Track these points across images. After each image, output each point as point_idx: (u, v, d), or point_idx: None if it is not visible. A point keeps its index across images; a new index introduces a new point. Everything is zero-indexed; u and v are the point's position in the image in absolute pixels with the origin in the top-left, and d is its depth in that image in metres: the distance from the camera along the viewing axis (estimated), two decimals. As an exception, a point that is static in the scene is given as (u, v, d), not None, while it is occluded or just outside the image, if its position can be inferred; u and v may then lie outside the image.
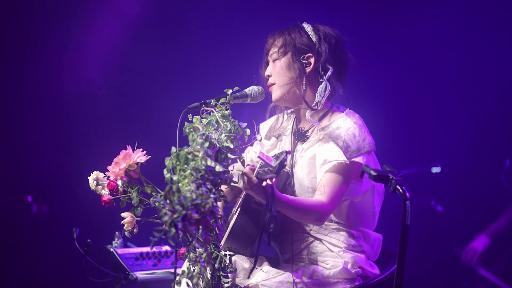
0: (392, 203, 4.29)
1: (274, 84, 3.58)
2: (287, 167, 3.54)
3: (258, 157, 3.10)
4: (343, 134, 3.42)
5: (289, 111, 3.77)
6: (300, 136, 3.61)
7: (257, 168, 3.16)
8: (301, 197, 3.45)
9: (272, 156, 3.10)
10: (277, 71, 3.57)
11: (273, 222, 3.08)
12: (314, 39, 3.55)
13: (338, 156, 3.39)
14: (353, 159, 3.38)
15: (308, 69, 3.55)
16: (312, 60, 3.54)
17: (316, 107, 3.54)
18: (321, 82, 3.53)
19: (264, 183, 3.10)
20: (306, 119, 3.57)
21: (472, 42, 6.22)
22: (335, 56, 3.56)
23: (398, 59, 6.30)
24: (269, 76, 3.60)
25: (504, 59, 6.14)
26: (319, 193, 3.37)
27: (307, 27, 3.59)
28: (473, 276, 6.14)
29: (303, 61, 3.54)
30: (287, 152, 3.05)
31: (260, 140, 3.72)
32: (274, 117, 3.82)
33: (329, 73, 3.52)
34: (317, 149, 3.49)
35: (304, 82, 3.54)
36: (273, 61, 3.59)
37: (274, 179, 3.07)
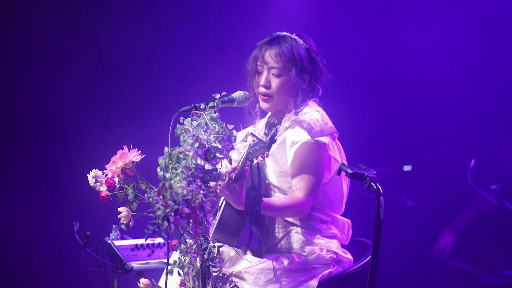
0: (367, 199, 4.31)
1: (271, 96, 3.54)
2: (259, 158, 3.53)
3: (251, 133, 3.11)
4: (307, 118, 3.45)
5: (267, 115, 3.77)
6: (270, 126, 3.63)
7: (247, 149, 3.16)
8: (277, 197, 3.46)
9: (263, 134, 3.12)
10: (280, 88, 3.52)
11: (259, 201, 3.09)
12: (307, 54, 3.54)
13: (303, 136, 3.40)
14: (317, 138, 3.39)
15: (304, 85, 3.55)
16: (307, 78, 3.56)
17: (297, 110, 3.55)
18: (309, 94, 3.56)
19: (254, 162, 3.12)
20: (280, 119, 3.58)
21: (443, 42, 6.23)
22: (320, 69, 3.60)
23: (370, 59, 6.29)
24: (265, 86, 3.54)
25: (472, 61, 6.16)
26: (295, 188, 3.40)
27: (299, 40, 3.55)
28: (441, 267, 6.17)
29: (302, 78, 3.54)
30: (276, 129, 3.07)
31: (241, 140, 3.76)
32: (250, 127, 3.78)
33: (319, 93, 3.58)
34: (286, 134, 3.50)
35: (297, 95, 3.55)
36: (276, 76, 3.51)
37: (266, 153, 3.09)
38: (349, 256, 3.56)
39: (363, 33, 6.28)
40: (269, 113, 3.72)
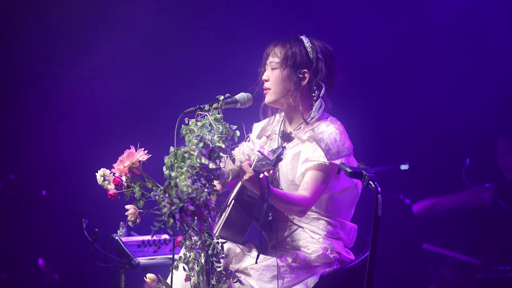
0: (365, 197, 4.28)
1: (269, 89, 3.57)
2: (266, 173, 3.54)
3: (258, 151, 3.13)
4: (325, 138, 3.43)
5: (282, 114, 3.76)
6: (285, 137, 3.62)
7: (254, 162, 3.17)
8: (287, 192, 3.46)
9: (269, 151, 3.13)
10: (275, 80, 3.54)
11: (271, 211, 3.09)
12: (311, 55, 3.53)
13: (319, 157, 3.40)
14: (333, 161, 3.39)
15: (303, 83, 3.53)
16: (307, 76, 3.53)
17: (309, 121, 3.54)
18: (313, 96, 3.53)
19: (261, 175, 3.12)
20: (295, 127, 3.58)
21: (440, 42, 6.22)
22: (329, 74, 3.56)
23: (368, 59, 6.27)
24: (265, 80, 3.58)
25: (469, 61, 6.15)
26: (302, 188, 3.39)
27: (306, 43, 3.55)
28: (437, 262, 6.17)
29: (299, 75, 3.52)
30: (283, 147, 3.08)
31: (249, 140, 3.75)
32: (266, 119, 3.81)
33: (322, 91, 3.53)
34: (301, 147, 3.50)
35: (298, 94, 3.54)
36: (272, 69, 3.56)
37: (271, 171, 3.10)
38: (352, 256, 3.56)
39: (362, 33, 6.28)
40: (283, 117, 3.72)
